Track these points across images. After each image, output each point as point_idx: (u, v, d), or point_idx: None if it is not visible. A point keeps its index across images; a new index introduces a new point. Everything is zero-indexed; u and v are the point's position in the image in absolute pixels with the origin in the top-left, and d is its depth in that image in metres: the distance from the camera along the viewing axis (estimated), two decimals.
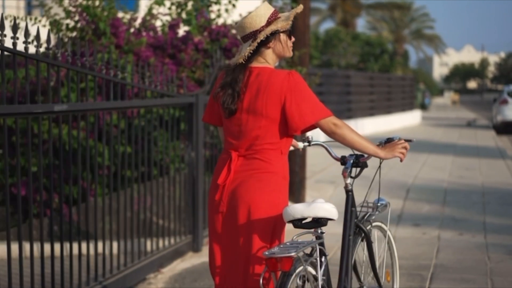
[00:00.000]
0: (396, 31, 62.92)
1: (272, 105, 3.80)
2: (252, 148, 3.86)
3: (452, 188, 12.21)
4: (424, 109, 50.14)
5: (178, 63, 8.88)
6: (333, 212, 3.74)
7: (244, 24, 3.89)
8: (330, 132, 3.83)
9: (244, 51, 3.87)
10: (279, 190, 3.86)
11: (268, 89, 3.80)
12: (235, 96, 3.85)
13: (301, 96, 3.79)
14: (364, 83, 27.36)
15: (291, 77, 3.81)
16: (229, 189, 3.87)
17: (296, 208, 3.68)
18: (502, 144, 22.19)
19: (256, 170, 3.83)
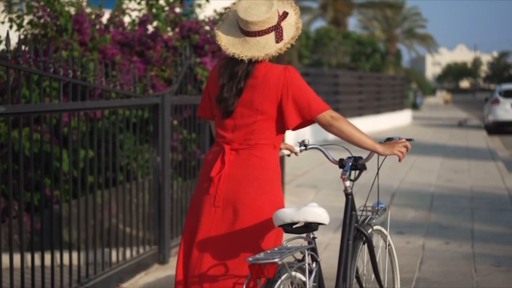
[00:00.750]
0: (388, 30, 62.91)
1: (268, 101, 3.77)
2: (246, 142, 3.81)
3: (440, 193, 11.66)
4: (416, 109, 49.99)
5: (147, 61, 8.35)
6: (324, 216, 3.65)
7: (268, 19, 3.77)
8: (327, 125, 3.77)
9: (269, 45, 3.77)
10: (277, 187, 3.85)
11: (265, 84, 3.76)
12: (236, 96, 3.80)
13: (298, 91, 3.76)
14: (352, 83, 26.84)
15: (287, 72, 3.77)
16: (226, 184, 3.80)
17: (286, 213, 3.59)
18: (493, 144, 21.69)
19: (252, 166, 3.79)
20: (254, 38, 3.79)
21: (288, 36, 3.83)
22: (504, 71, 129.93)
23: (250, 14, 3.76)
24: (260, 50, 3.77)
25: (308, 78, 21.55)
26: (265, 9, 3.77)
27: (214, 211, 3.83)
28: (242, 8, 3.80)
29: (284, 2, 3.95)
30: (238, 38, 3.83)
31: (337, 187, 11.65)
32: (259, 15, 3.75)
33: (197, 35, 8.60)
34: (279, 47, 3.79)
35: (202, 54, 8.72)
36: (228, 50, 3.81)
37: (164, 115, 7.28)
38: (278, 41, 3.79)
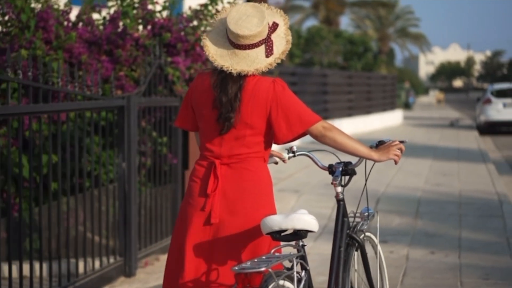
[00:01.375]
0: (381, 30, 62.89)
1: (257, 115, 3.70)
2: (236, 157, 3.74)
3: (427, 198, 11.19)
4: (408, 109, 49.73)
5: (115, 61, 7.88)
6: (313, 223, 3.62)
7: (259, 33, 3.66)
8: (320, 136, 3.72)
9: (259, 59, 3.68)
10: (271, 201, 3.81)
11: (253, 98, 3.68)
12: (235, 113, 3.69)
13: (287, 104, 3.69)
14: (342, 82, 26.37)
15: (276, 85, 3.69)
16: (220, 200, 3.72)
17: (274, 220, 3.55)
18: (484, 146, 21.25)
19: (247, 181, 3.72)
20: (243, 51, 3.69)
21: (278, 50, 3.73)
22: (497, 70, 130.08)
23: (241, 27, 3.65)
24: (250, 65, 3.68)
25: (295, 78, 21.09)
26: (256, 22, 3.67)
27: (209, 228, 3.75)
28: (233, 20, 3.68)
29: (273, 11, 3.84)
30: (227, 50, 3.72)
31: (319, 192, 11.22)
32: (250, 28, 3.65)
33: (168, 33, 8.13)
34: (269, 62, 3.70)
35: (175, 53, 8.28)
36: (216, 62, 3.69)
37: (130, 118, 6.84)
38: (268, 55, 3.71)
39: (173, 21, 8.33)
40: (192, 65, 8.36)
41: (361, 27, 61.27)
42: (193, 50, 8.41)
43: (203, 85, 3.80)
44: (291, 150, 4.29)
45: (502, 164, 16.93)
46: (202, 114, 3.79)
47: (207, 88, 3.76)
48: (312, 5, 52.78)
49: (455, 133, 26.70)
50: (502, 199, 11.00)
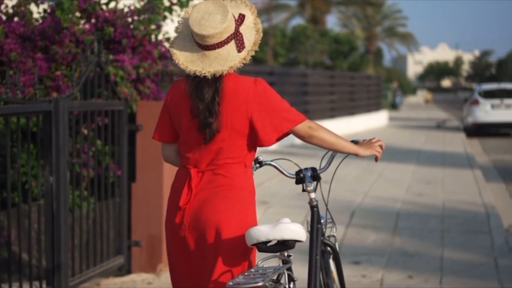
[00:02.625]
0: (368, 29, 62.55)
1: (239, 117, 3.57)
2: (214, 163, 3.62)
3: (407, 210, 10.17)
4: (395, 109, 49.16)
5: (51, 59, 6.93)
6: (301, 233, 3.53)
7: (225, 29, 3.52)
8: (307, 137, 3.64)
9: (231, 56, 3.54)
10: (247, 207, 3.65)
11: (234, 98, 3.57)
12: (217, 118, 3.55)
13: (271, 104, 3.59)
14: (323, 83, 25.36)
15: (258, 85, 3.59)
16: (191, 210, 3.62)
17: (260, 230, 3.47)
18: (471, 149, 20.32)
19: (220, 187, 3.60)
20: (213, 51, 3.54)
21: (250, 42, 3.59)
22: (485, 70, 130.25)
23: (205, 27, 3.49)
24: (223, 64, 3.53)
25: (273, 78, 20.11)
26: (220, 18, 3.51)
27: (182, 240, 3.65)
28: (195, 21, 3.52)
29: (238, 3, 3.67)
30: (197, 53, 3.57)
31: (289, 204, 10.24)
32: (215, 26, 3.50)
33: (111, 28, 7.17)
34: (242, 56, 3.56)
35: (120, 50, 7.32)
36: (188, 68, 3.54)
37: (59, 125, 5.88)
38: (240, 50, 3.57)
39: (118, 14, 7.36)
40: (141, 63, 7.40)
41: (348, 27, 60.80)
42: (141, 46, 7.45)
43: (179, 94, 3.66)
44: (257, 160, 4.15)
45: (489, 169, 16.00)
46: (182, 124, 3.66)
47: (183, 96, 3.63)
48: (298, 4, 52.22)
49: (441, 135, 25.80)
50: (489, 211, 10.02)
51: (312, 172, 4.08)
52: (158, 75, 7.57)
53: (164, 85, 7.90)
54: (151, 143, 7.24)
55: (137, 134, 7.24)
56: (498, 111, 26.06)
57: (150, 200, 7.17)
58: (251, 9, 3.68)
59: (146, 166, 7.22)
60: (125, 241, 7.05)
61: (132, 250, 7.18)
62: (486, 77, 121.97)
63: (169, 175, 7.16)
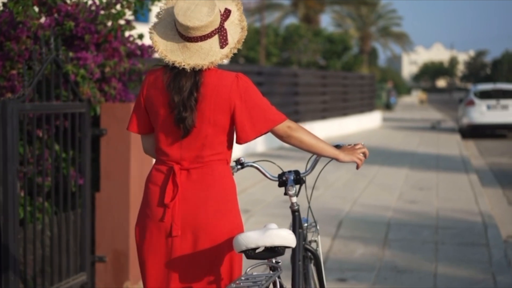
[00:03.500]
0: (363, 29, 62.23)
1: (221, 112, 3.45)
2: (198, 160, 3.48)
3: (398, 220, 9.48)
4: (389, 109, 48.68)
5: (6, 56, 6.29)
6: (291, 239, 3.40)
7: (210, 23, 3.39)
8: (286, 136, 3.54)
9: (213, 51, 3.43)
10: (235, 207, 3.55)
11: (216, 94, 3.44)
12: (193, 112, 3.42)
13: (252, 101, 3.47)
14: (315, 83, 24.65)
15: (240, 80, 3.48)
16: (182, 210, 3.45)
17: (249, 237, 3.31)
18: (467, 152, 19.69)
19: (209, 188, 3.46)
20: (195, 43, 3.43)
21: (234, 39, 3.49)
22: (480, 70, 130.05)
23: (191, 18, 3.38)
24: (204, 58, 3.43)
25: (262, 78, 19.41)
26: (206, 11, 3.41)
27: (171, 241, 3.49)
28: (181, 10, 3.40)
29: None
30: (177, 44, 3.45)
31: (274, 213, 9.57)
32: (200, 19, 3.39)
33: (71, 22, 6.51)
34: (224, 53, 3.46)
35: (82, 46, 6.67)
36: (167, 57, 3.42)
37: (6, 130, 5.24)
38: (223, 46, 3.47)
39: (80, 8, 6.70)
40: (106, 62, 6.75)
41: (342, 26, 60.43)
42: (106, 43, 6.81)
43: (156, 84, 3.52)
44: (239, 161, 4.07)
45: (485, 173, 15.37)
46: (158, 115, 3.52)
47: (160, 87, 3.49)
48: (291, 3, 51.73)
49: (436, 136, 25.17)
50: (486, 221, 9.36)
51: (295, 175, 4.00)
52: (126, 74, 6.94)
53: (132, 85, 7.27)
54: (117, 149, 6.61)
55: (101, 139, 6.61)
56: (494, 112, 25.45)
57: (115, 211, 6.56)
58: (237, 5, 3.58)
59: (111, 174, 6.60)
60: (88, 256, 6.45)
61: (96, 266, 6.59)
62: (481, 77, 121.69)
63: (136, 183, 6.59)
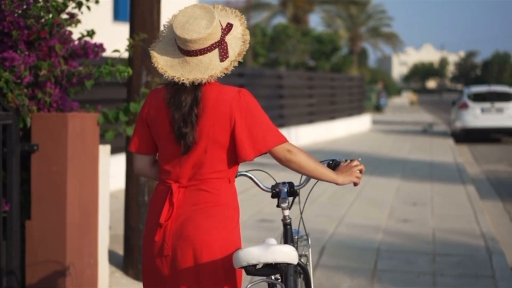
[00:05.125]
0: (353, 29, 61.54)
1: (220, 128, 3.39)
2: (196, 177, 3.43)
3: (390, 244, 8.24)
4: (379, 111, 47.76)
5: None
6: (293, 255, 3.32)
7: (209, 35, 3.33)
8: (284, 160, 3.47)
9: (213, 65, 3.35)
10: (233, 225, 3.45)
11: (216, 109, 3.38)
12: (194, 128, 3.36)
13: (252, 119, 3.39)
14: (301, 85, 23.43)
15: (242, 96, 3.40)
16: (173, 227, 3.41)
17: (251, 252, 3.25)
18: (461, 158, 18.55)
19: (203, 204, 3.40)
20: (195, 57, 3.36)
21: (234, 52, 3.41)
22: (471, 71, 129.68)
23: (188, 31, 3.32)
24: (203, 72, 3.35)
25: (243, 80, 18.20)
26: (205, 23, 3.35)
27: (164, 260, 3.42)
28: (179, 24, 3.35)
29: (228, 12, 3.54)
30: (177, 59, 3.39)
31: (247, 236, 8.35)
32: (199, 31, 3.33)
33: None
34: (224, 66, 3.36)
35: (10, 44, 5.54)
36: (167, 73, 3.35)
37: None
38: (223, 59, 3.38)
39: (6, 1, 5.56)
40: (40, 63, 5.61)
41: (332, 26, 59.69)
42: (42, 40, 5.68)
43: (157, 102, 3.46)
44: None
45: (483, 183, 14.24)
46: (160, 133, 3.46)
47: (161, 105, 3.44)
48: (280, 3, 50.83)
49: (428, 141, 24.05)
50: (490, 245, 8.18)
51: (289, 187, 3.92)
52: (64, 78, 5.80)
53: (73, 90, 6.13)
54: (51, 168, 5.47)
55: (33, 156, 5.50)
56: (489, 116, 24.37)
57: (49, 242, 5.52)
58: (240, 19, 3.51)
59: (44, 198, 5.49)
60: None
61: None
62: (472, 78, 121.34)
63: (75, 209, 5.52)
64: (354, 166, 3.67)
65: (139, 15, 6.69)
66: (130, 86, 6.74)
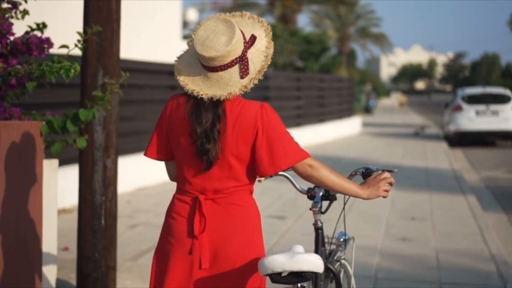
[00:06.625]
0: (341, 29, 60.78)
1: (244, 144, 3.35)
2: (222, 191, 3.38)
3: (388, 271, 7.18)
4: (369, 113, 46.90)
5: None
6: (319, 264, 3.29)
7: (228, 53, 3.27)
8: (306, 176, 3.42)
9: (233, 81, 3.29)
10: (260, 236, 3.45)
11: (239, 124, 3.34)
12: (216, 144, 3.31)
13: (273, 135, 3.34)
14: (288, 86, 22.37)
15: (264, 111, 3.35)
16: (210, 241, 3.35)
17: (276, 260, 3.23)
18: (457, 164, 17.55)
19: (235, 218, 3.36)
20: (216, 73, 3.31)
21: (256, 68, 3.33)
22: (459, 72, 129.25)
23: (208, 48, 3.27)
24: (223, 88, 3.30)
25: None
26: (225, 40, 3.28)
27: (200, 273, 3.37)
28: (199, 40, 3.31)
29: (255, 21, 3.46)
30: (199, 73, 3.35)
31: None
32: (217, 49, 3.27)
33: None
34: (244, 83, 3.29)
35: None
36: (188, 86, 3.34)
37: None
38: (243, 76, 3.31)
39: None
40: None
41: (320, 27, 58.88)
42: None
43: (178, 111, 3.40)
44: None
45: (483, 192, 13.23)
46: (179, 144, 3.41)
47: (182, 115, 3.38)
48: (268, 2, 50.08)
49: (421, 145, 23.05)
50: (503, 272, 7.11)
51: (325, 191, 3.93)
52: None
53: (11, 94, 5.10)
54: None
55: None
56: (484, 118, 23.42)
57: None
58: (266, 30, 3.42)
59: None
60: None
61: None
62: (460, 79, 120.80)
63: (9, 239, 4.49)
64: (382, 179, 3.54)
65: (93, 4, 5.63)
66: (84, 88, 5.69)
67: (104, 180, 5.70)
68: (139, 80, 12.82)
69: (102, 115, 5.63)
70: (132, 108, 12.63)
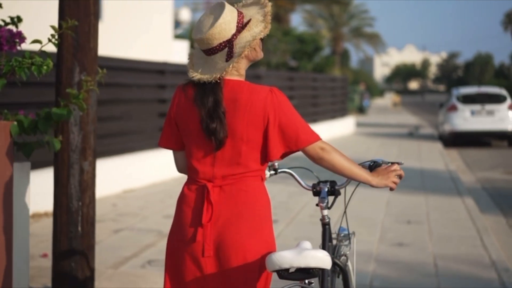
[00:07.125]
0: (335, 29, 60.54)
1: (254, 128, 3.36)
2: (231, 177, 3.38)
3: (385, 279, 6.80)
4: (362, 113, 46.63)
5: None
6: (327, 261, 3.29)
7: (211, 35, 3.31)
8: (317, 158, 3.40)
9: (219, 65, 3.34)
10: (269, 224, 3.43)
11: (249, 109, 3.34)
12: (222, 123, 3.31)
13: (285, 118, 3.36)
14: (280, 85, 22.03)
15: (274, 95, 3.37)
16: (214, 228, 3.35)
17: (284, 257, 3.23)
18: (453, 165, 17.22)
19: (244, 205, 3.35)
20: (209, 57, 3.40)
21: (239, 52, 3.34)
22: (452, 72, 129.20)
23: (196, 30, 3.39)
24: (212, 71, 3.36)
25: None
26: (210, 23, 3.33)
27: (204, 261, 3.35)
28: (196, 23, 3.42)
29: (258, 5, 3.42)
30: (201, 57, 3.45)
31: None
32: (202, 31, 3.35)
33: None
34: (225, 66, 3.33)
35: None
36: (189, 71, 3.42)
37: None
38: (227, 59, 3.35)
39: None
40: None
41: (313, 26, 58.70)
42: None
43: (186, 98, 3.44)
44: (272, 166, 4.00)
45: (480, 194, 12.91)
46: (189, 131, 3.43)
47: (190, 102, 3.42)
48: None
49: (415, 145, 22.72)
50: (505, 280, 6.74)
51: (330, 186, 3.89)
52: None
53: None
54: None
55: None
56: (479, 118, 23.12)
57: None
58: (264, 14, 3.37)
59: None
60: None
61: None
62: (454, 79, 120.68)
63: None
64: (392, 170, 3.56)
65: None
66: (59, 86, 5.32)
67: (81, 184, 5.35)
68: (126, 79, 12.44)
69: (78, 115, 5.28)
70: (118, 108, 12.25)
